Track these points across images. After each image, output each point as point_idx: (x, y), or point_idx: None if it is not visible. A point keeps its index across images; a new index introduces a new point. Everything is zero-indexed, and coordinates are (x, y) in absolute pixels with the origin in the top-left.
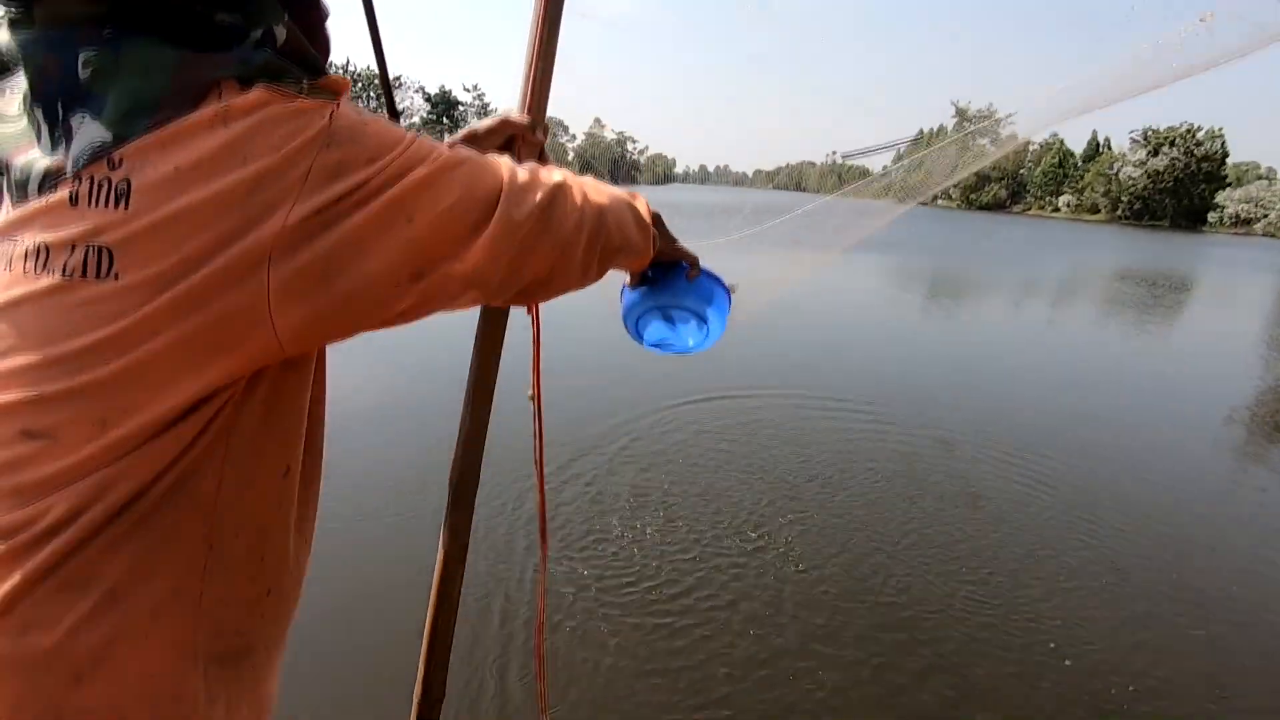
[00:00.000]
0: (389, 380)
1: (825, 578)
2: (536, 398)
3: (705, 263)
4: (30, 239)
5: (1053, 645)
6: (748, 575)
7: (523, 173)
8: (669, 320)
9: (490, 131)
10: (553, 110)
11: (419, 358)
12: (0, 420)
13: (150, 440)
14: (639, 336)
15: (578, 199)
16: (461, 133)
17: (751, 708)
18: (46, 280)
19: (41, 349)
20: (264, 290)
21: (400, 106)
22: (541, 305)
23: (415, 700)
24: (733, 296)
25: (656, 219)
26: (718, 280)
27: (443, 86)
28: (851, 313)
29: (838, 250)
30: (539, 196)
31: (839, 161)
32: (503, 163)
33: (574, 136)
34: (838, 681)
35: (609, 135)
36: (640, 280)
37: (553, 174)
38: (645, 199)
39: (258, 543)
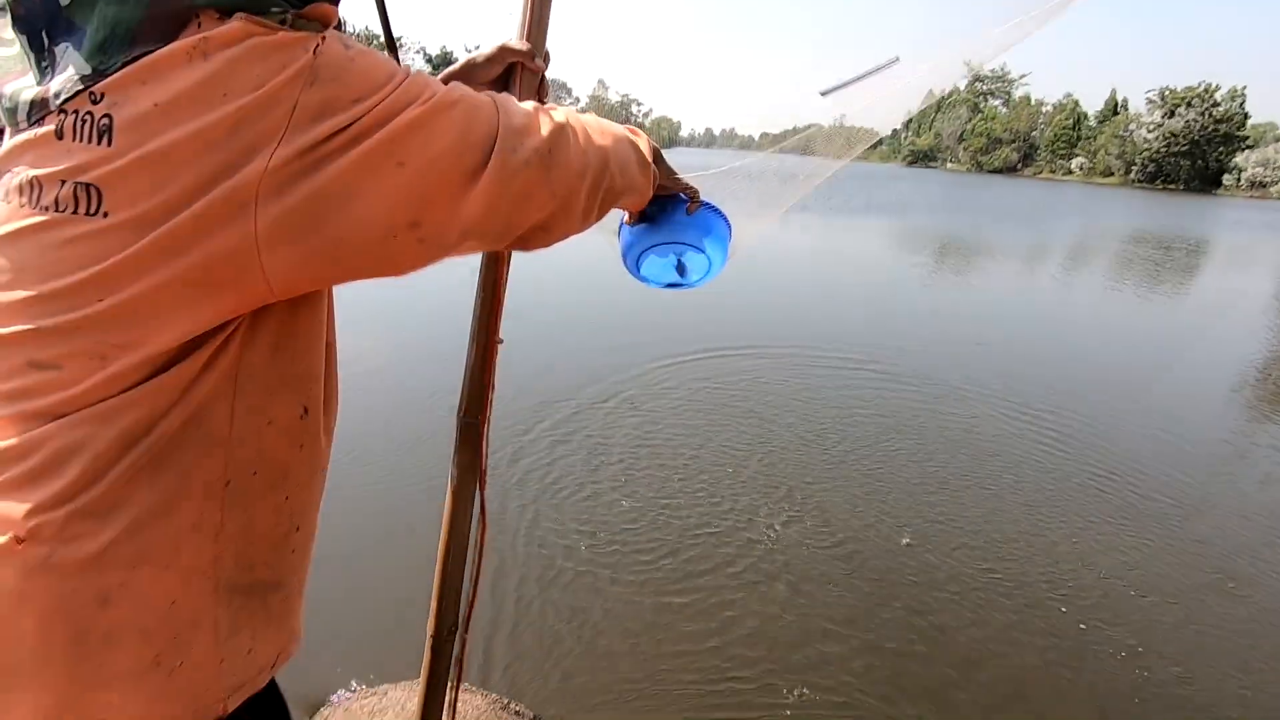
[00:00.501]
0: (398, 322)
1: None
2: (497, 342)
3: (704, 195)
4: (24, 172)
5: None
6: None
7: (519, 114)
8: (670, 255)
9: (489, 60)
10: (555, 72)
11: (429, 302)
12: (7, 350)
13: (153, 375)
14: (639, 274)
15: (579, 142)
16: (460, 62)
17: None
18: (40, 215)
19: (39, 283)
20: (251, 233)
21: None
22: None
23: (429, 634)
24: (732, 227)
25: (656, 154)
26: (717, 211)
27: (444, 47)
28: (863, 274)
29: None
30: (537, 141)
31: (844, 123)
32: (498, 102)
33: (577, 99)
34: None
35: (613, 98)
36: (639, 217)
37: (553, 114)
38: (646, 135)
39: (280, 481)
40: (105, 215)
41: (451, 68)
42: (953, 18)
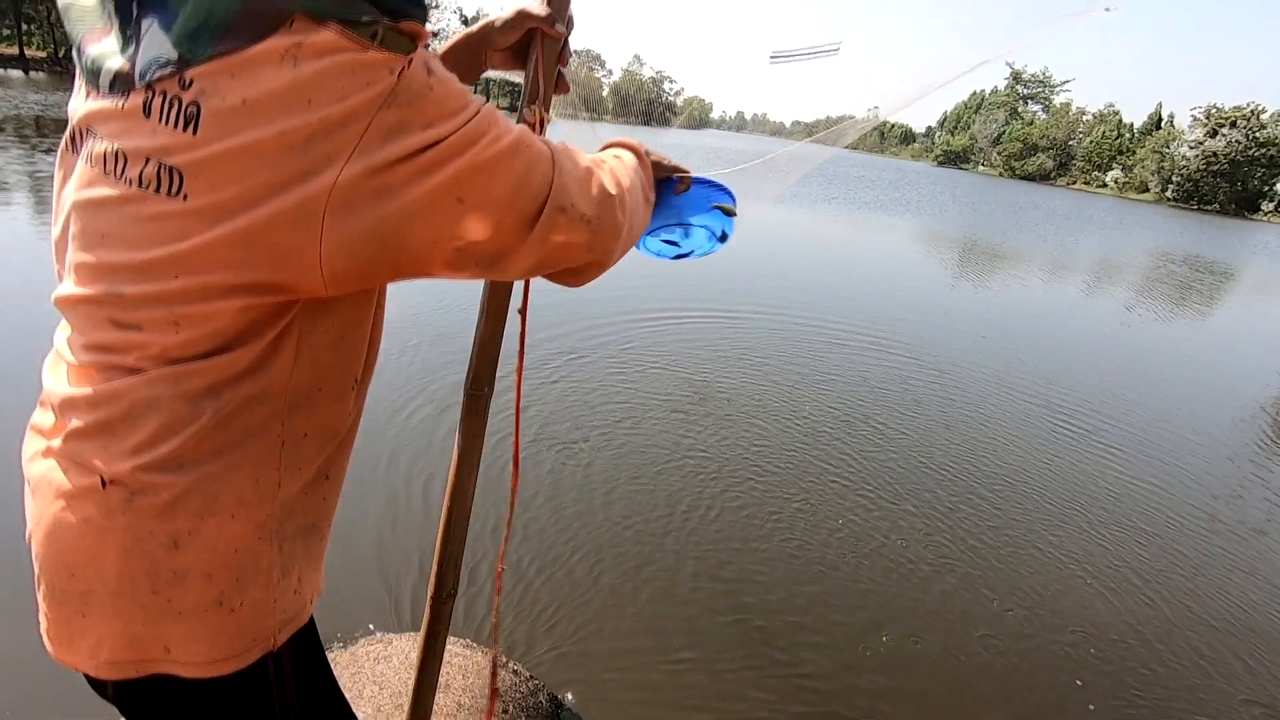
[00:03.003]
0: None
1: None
2: (523, 311)
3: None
4: (109, 140)
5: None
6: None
7: (574, 173)
8: (665, 235)
9: (507, 25)
10: (590, 43)
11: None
12: (92, 308)
13: (223, 349)
14: (643, 250)
15: (623, 207)
16: (478, 25)
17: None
18: (124, 187)
19: (121, 252)
20: (317, 239)
21: (435, 28)
22: None
23: (429, 595)
24: (732, 192)
25: (646, 157)
26: (710, 184)
27: (480, 10)
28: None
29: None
30: (587, 206)
31: (876, 115)
32: (557, 157)
33: (610, 72)
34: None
35: (647, 73)
36: None
37: (602, 171)
38: (636, 144)
39: (327, 441)
40: (185, 198)
41: (469, 30)
42: (996, 10)
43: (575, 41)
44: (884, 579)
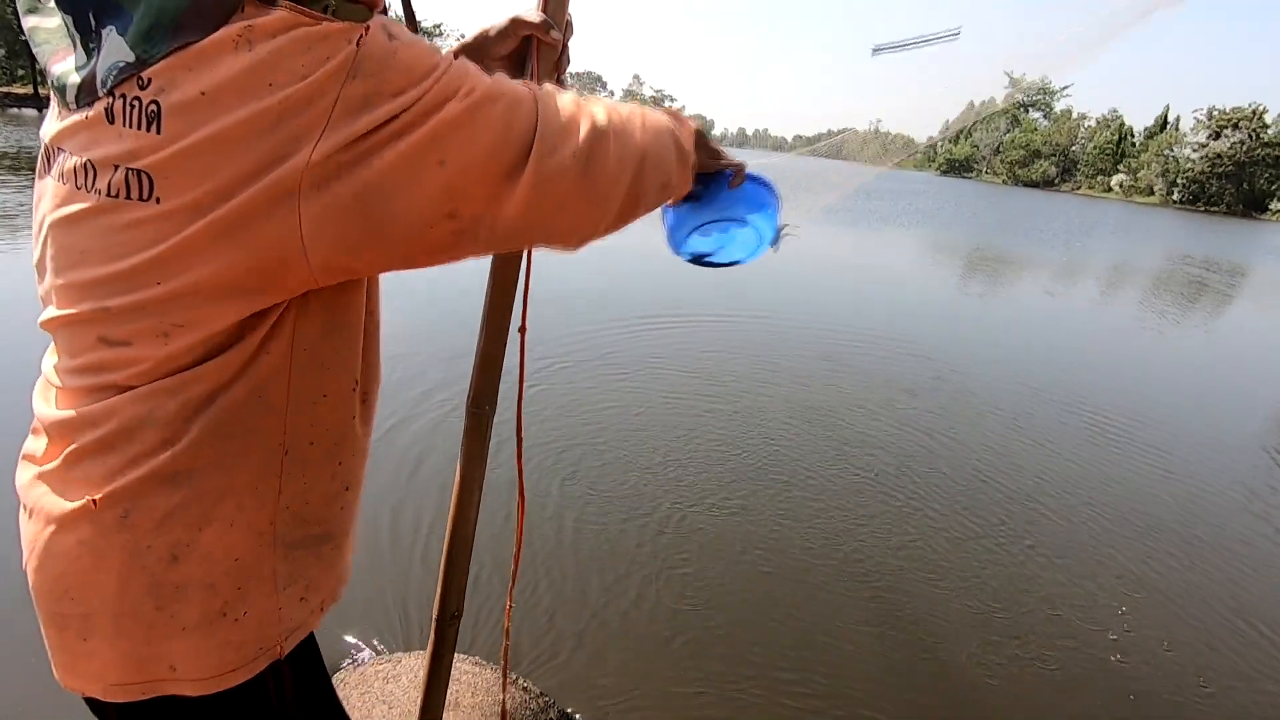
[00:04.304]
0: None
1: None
2: (522, 330)
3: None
4: (78, 154)
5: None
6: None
7: (559, 112)
8: (715, 233)
9: (502, 34)
10: (591, 64)
11: (445, 285)
12: (80, 328)
13: (215, 354)
14: (686, 254)
15: (618, 144)
16: (473, 35)
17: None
18: (95, 198)
19: (102, 265)
20: (296, 224)
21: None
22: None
23: (434, 618)
24: (780, 199)
25: (700, 137)
26: (763, 183)
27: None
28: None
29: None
30: (575, 144)
31: (880, 127)
32: (539, 99)
33: (612, 93)
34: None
35: (647, 93)
36: (683, 197)
37: (595, 113)
38: (689, 118)
39: (335, 449)
40: (158, 201)
41: (464, 40)
42: (1002, 29)
43: (576, 63)
44: (923, 590)
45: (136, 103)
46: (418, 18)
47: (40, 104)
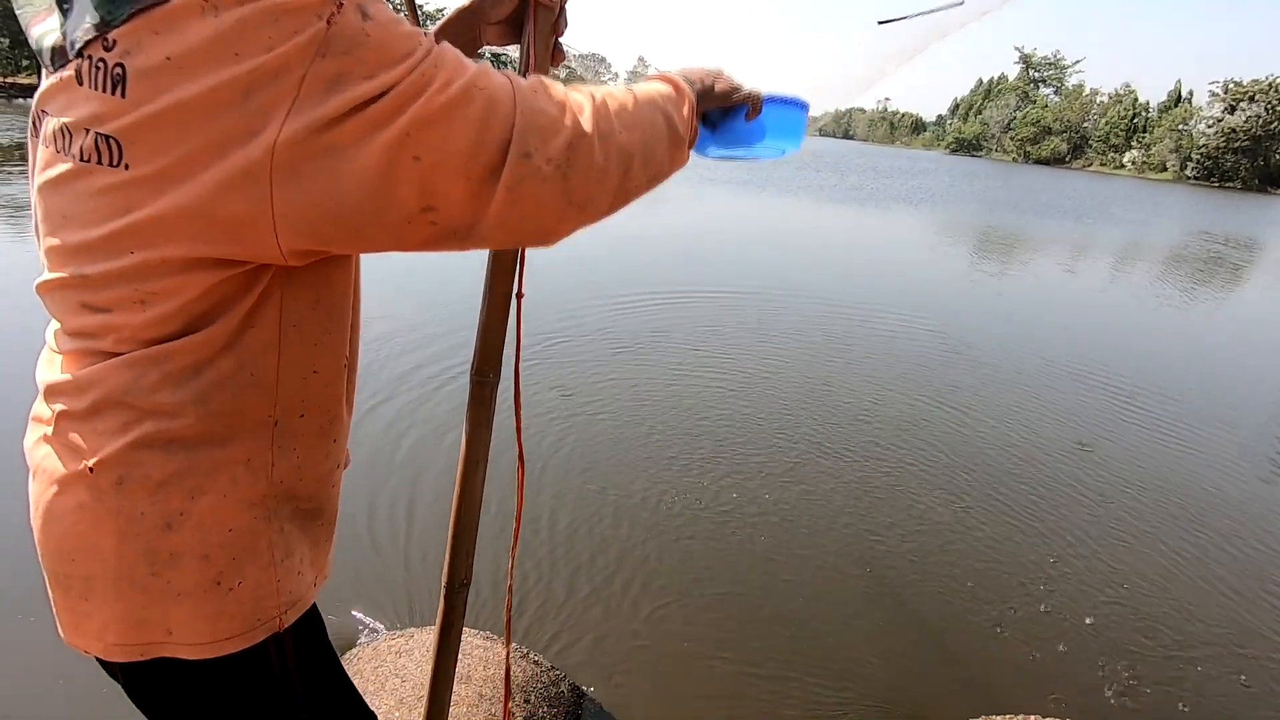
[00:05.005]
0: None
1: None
2: (519, 296)
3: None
4: (56, 117)
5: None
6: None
7: (539, 113)
8: (741, 150)
9: None
10: (595, 46)
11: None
12: (65, 293)
13: (196, 327)
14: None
15: (603, 150)
16: None
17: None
18: (71, 162)
19: (80, 231)
20: (267, 203)
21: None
22: None
23: (443, 586)
24: (806, 106)
25: (706, 91)
26: (782, 101)
27: None
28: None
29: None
30: (556, 147)
31: (888, 107)
32: (519, 96)
33: (616, 75)
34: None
35: (652, 74)
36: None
37: (582, 108)
38: (696, 72)
39: (329, 426)
40: (126, 167)
41: (461, 5)
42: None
43: (579, 45)
44: (940, 567)
45: (101, 64)
46: (418, 1)
47: None
